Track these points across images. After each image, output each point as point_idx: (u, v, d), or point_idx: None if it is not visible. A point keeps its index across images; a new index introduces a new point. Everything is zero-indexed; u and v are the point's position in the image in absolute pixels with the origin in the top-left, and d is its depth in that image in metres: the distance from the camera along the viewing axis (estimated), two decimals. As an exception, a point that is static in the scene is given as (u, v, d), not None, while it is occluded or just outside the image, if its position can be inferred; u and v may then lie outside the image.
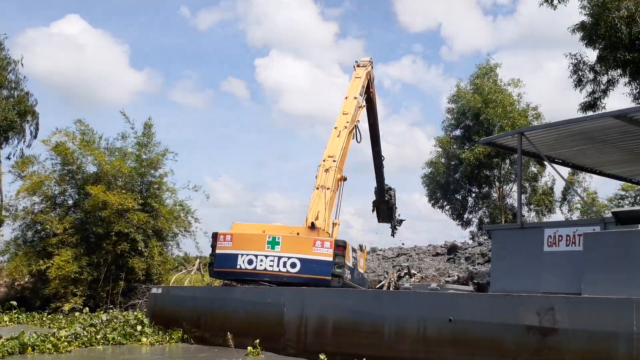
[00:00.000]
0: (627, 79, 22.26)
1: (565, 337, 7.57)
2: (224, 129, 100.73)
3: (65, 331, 13.63)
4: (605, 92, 22.98)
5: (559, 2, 22.27)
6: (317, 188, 15.23)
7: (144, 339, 13.92)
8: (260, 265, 13.62)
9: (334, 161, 15.59)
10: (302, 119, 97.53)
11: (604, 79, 22.90)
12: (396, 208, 24.17)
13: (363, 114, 18.51)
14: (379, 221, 25.09)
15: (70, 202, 22.80)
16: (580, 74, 23.09)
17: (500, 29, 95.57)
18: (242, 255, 13.83)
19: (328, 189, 15.14)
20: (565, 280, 9.51)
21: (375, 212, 24.39)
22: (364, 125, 19.58)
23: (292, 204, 74.20)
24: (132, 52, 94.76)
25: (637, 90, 21.70)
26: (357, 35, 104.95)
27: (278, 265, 13.52)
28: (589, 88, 23.13)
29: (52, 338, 12.45)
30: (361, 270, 15.78)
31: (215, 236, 14.42)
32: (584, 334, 7.40)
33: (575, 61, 23.07)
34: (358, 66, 18.51)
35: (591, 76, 23.01)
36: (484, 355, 8.52)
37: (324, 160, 15.72)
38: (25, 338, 12.07)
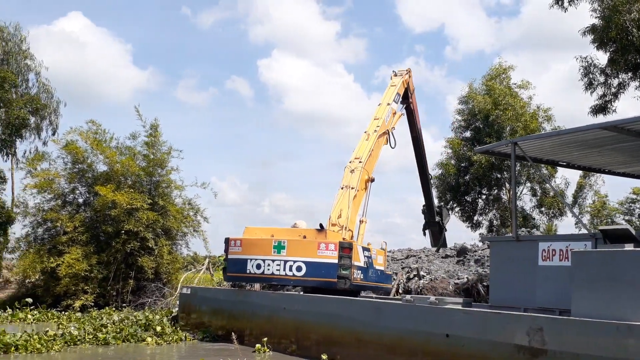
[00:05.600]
0: (637, 82, 22.04)
1: (552, 358, 7.60)
2: (229, 128, 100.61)
3: (54, 330, 13.76)
4: (615, 95, 22.72)
5: (569, 4, 22.11)
6: (342, 188, 15.52)
7: (148, 339, 14.20)
8: (268, 269, 13.91)
9: (360, 162, 15.89)
10: (305, 119, 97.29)
11: (615, 82, 22.64)
12: (445, 230, 23.27)
13: (402, 123, 18.94)
14: (432, 246, 24.19)
15: (81, 200, 23.12)
16: (591, 77, 22.84)
17: (504, 30, 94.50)
18: (251, 260, 14.15)
19: (353, 188, 15.38)
20: (559, 296, 9.53)
21: (426, 234, 23.43)
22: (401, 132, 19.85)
23: (299, 204, 73.85)
24: (135, 51, 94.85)
25: (648, 94, 21.50)
26: (358, 35, 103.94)
27: (284, 270, 13.72)
28: (599, 91, 22.88)
29: (35, 337, 12.59)
30: (380, 268, 15.85)
31: (227, 241, 14.78)
32: (570, 356, 7.43)
33: (586, 64, 22.84)
34: (395, 75, 18.79)
35: (602, 79, 22.75)
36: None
37: (350, 162, 16.05)
38: (7, 337, 12.18)
